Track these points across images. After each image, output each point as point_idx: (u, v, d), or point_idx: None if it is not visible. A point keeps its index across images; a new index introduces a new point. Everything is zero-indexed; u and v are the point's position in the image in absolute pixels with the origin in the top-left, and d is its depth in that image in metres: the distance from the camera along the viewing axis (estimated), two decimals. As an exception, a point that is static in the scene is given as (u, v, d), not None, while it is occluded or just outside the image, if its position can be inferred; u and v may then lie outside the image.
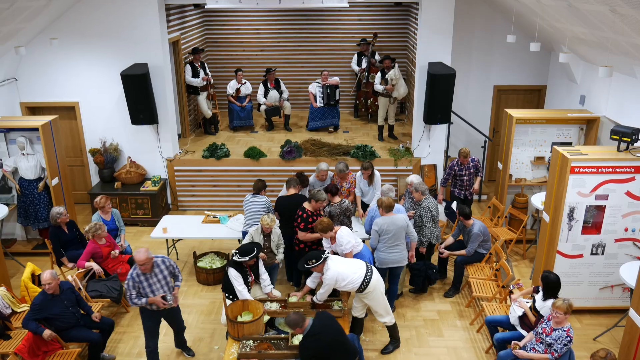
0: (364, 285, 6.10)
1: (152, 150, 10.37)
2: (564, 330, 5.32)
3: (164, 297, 5.88)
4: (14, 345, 6.00)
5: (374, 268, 6.26)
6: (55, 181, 8.72)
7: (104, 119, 10.30)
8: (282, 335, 6.01)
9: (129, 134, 10.32)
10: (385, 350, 6.66)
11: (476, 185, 9.03)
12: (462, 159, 8.82)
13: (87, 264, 7.10)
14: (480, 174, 9.07)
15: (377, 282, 6.20)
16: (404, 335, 6.89)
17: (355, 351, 5.63)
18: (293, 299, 6.55)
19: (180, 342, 6.65)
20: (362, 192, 8.46)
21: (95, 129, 10.37)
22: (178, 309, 6.38)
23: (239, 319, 6.11)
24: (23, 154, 8.60)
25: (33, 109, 10.29)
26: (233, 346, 5.92)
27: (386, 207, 6.90)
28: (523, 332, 6.04)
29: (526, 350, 5.60)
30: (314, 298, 6.36)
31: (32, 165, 8.62)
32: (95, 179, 10.71)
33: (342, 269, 6.09)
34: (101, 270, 7.17)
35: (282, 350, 5.83)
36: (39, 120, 8.49)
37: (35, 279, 6.95)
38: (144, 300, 5.80)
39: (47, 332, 5.82)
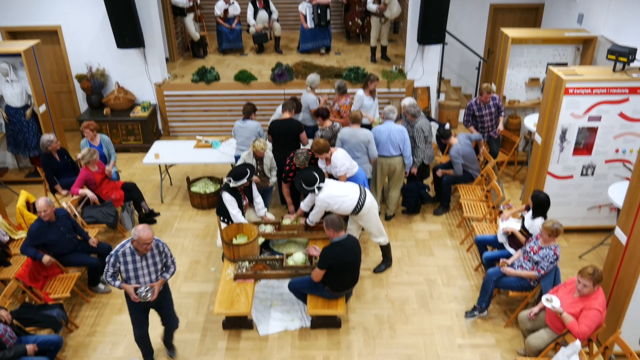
0: (357, 208, 6.19)
1: (140, 75, 10.15)
2: (551, 249, 5.47)
3: (137, 290, 4.94)
4: (14, 271, 6.11)
5: (367, 191, 6.33)
6: (42, 108, 8.57)
7: (89, 43, 10.00)
8: (277, 257, 6.15)
9: (115, 59, 10.05)
10: (377, 270, 6.85)
11: (500, 126, 8.39)
12: (483, 97, 8.09)
13: (81, 191, 7.12)
14: (503, 113, 8.38)
15: (371, 204, 6.29)
16: (395, 254, 7.07)
17: (356, 282, 5.86)
18: (286, 221, 6.65)
19: (166, 337, 5.61)
20: (366, 107, 8.37)
21: (80, 54, 10.08)
22: (169, 301, 5.35)
23: (234, 241, 6.22)
24: (7, 81, 8.40)
25: (14, 34, 9.94)
26: (229, 267, 6.07)
27: (352, 119, 7.24)
28: (511, 250, 6.21)
29: (514, 268, 5.79)
30: (307, 220, 6.46)
31: (17, 92, 8.43)
32: (83, 106, 10.54)
33: (334, 193, 6.15)
34: (95, 197, 7.20)
35: (277, 270, 5.99)
36: (21, 46, 8.22)
37: (30, 206, 6.98)
38: (117, 282, 4.95)
39: (46, 258, 5.92)
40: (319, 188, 6.15)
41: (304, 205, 6.57)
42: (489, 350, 5.66)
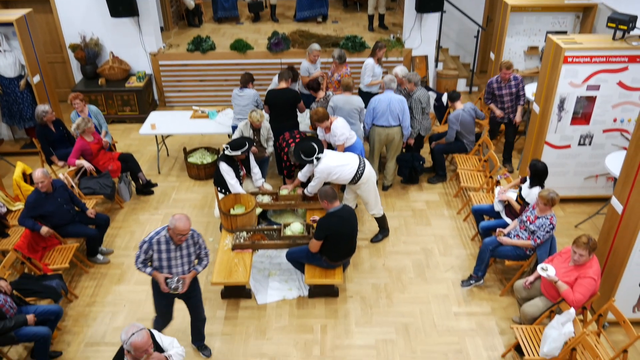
0: (356, 178, 6.19)
1: (134, 45, 10.01)
2: (547, 218, 5.50)
3: (167, 280, 4.69)
4: (13, 242, 6.13)
5: (366, 161, 6.33)
6: (36, 79, 8.47)
7: (82, 12, 9.82)
8: (275, 227, 6.18)
9: (109, 28, 9.90)
10: (374, 239, 6.89)
11: (518, 117, 7.92)
12: (503, 74, 7.66)
13: (77, 161, 7.09)
14: (522, 101, 7.87)
15: (370, 174, 6.29)
16: (392, 224, 7.10)
17: (354, 251, 5.89)
18: (284, 191, 6.66)
19: (196, 335, 5.34)
20: (377, 75, 8.30)
21: (73, 23, 9.91)
22: (198, 293, 5.09)
23: (232, 212, 6.24)
24: (0, 51, 8.28)
25: (5, 3, 9.76)
26: (227, 238, 6.10)
27: (344, 86, 7.32)
28: (508, 220, 6.25)
29: (510, 237, 5.83)
30: (305, 191, 6.47)
31: (10, 62, 8.31)
32: (78, 76, 10.42)
33: (333, 163, 6.14)
34: (92, 167, 7.18)
35: (274, 240, 6.03)
36: (13, 15, 8.07)
37: (27, 177, 6.96)
38: (148, 269, 4.72)
39: (44, 229, 5.93)
40: (318, 159, 6.14)
41: (301, 175, 6.57)
42: (484, 318, 5.74)
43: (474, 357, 5.29)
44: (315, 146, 6.17)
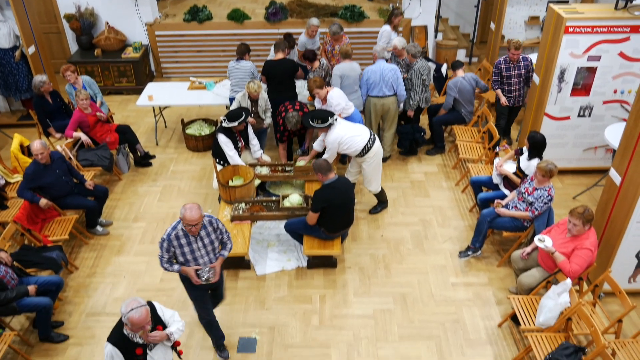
0: (365, 150, 6.17)
1: (130, 15, 9.87)
2: (545, 190, 5.51)
3: (197, 272, 4.52)
4: (12, 214, 6.14)
5: (376, 135, 6.30)
6: (31, 50, 8.36)
7: (76, -20, 9.67)
8: (274, 198, 6.19)
9: (104, -3, 9.77)
10: (373, 211, 6.92)
11: (526, 99, 7.63)
12: (512, 54, 7.27)
13: (74, 133, 7.06)
14: (529, 85, 7.56)
15: (378, 148, 6.29)
16: (391, 195, 7.12)
17: (352, 222, 5.89)
18: (301, 162, 6.64)
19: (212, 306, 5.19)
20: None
21: (67, -8, 9.77)
22: (222, 278, 5.04)
23: (231, 183, 6.24)
24: (-6, 21, 8.17)
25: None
26: (226, 209, 6.11)
27: (343, 54, 7.34)
28: (506, 191, 6.26)
29: (508, 209, 5.85)
30: None
31: (4, 33, 8.20)
32: (73, 47, 10.29)
33: (345, 133, 6.12)
34: (89, 140, 7.15)
35: (273, 211, 6.04)
36: (5, -17, 7.94)
37: (25, 149, 6.93)
38: (176, 267, 4.51)
39: (43, 201, 5.93)
40: (331, 125, 6.10)
41: (317, 145, 6.53)
42: (481, 288, 5.80)
43: (471, 326, 5.36)
44: (329, 118, 6.13)
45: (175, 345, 3.97)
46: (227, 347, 5.12)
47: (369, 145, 6.18)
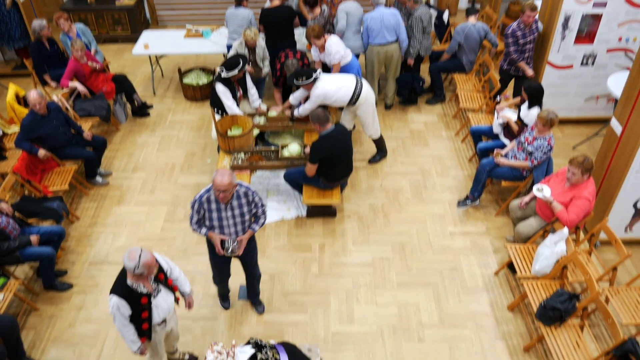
0: (353, 99, 6.11)
1: (123, -41, 9.58)
2: (545, 139, 5.49)
3: (222, 243, 4.39)
4: (11, 165, 6.13)
5: (364, 80, 6.22)
6: (23, -5, 8.16)
7: None
8: (273, 148, 6.17)
9: (95, -60, 9.44)
10: (372, 160, 6.91)
11: (529, 71, 6.97)
12: (527, 17, 6.56)
13: (70, 83, 6.97)
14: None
15: (367, 93, 6.20)
16: (390, 145, 7.10)
17: (351, 171, 5.89)
18: (273, 112, 6.57)
19: (251, 292, 5.12)
20: None
21: None
22: (254, 251, 4.81)
23: (229, 133, 6.20)
24: (-17, -34, 7.93)
25: None
26: (225, 159, 6.10)
27: None
28: (506, 141, 6.24)
29: (507, 158, 5.84)
30: (295, 111, 6.35)
31: (-6, -22, 7.99)
32: (66, -8, 10.04)
33: (330, 87, 6.04)
34: (86, 90, 7.06)
35: (272, 161, 6.04)
36: None
37: (21, 100, 6.86)
38: (203, 230, 4.37)
39: (41, 152, 5.91)
40: (315, 80, 6.01)
41: (292, 98, 6.45)
42: (479, 237, 5.86)
43: (468, 274, 5.45)
44: (312, 73, 6.01)
45: (174, 290, 4.04)
46: (230, 298, 5.21)
47: (356, 94, 6.10)
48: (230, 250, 4.38)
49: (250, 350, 3.42)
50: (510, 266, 5.36)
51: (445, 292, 5.28)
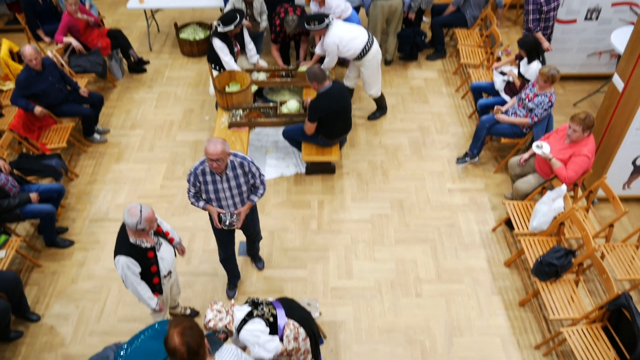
0: (364, 52, 6.02)
1: None
2: (546, 96, 5.44)
3: (220, 216, 4.29)
4: (8, 123, 6.08)
5: (374, 37, 6.12)
6: (13, -54, 7.93)
7: None
8: (271, 104, 6.12)
9: None
10: (371, 117, 6.87)
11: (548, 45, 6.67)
12: None
13: (65, 39, 6.84)
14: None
15: (377, 51, 6.13)
16: (390, 102, 7.04)
17: (350, 128, 5.84)
18: (303, 67, 6.49)
19: (251, 249, 5.14)
20: None
21: None
22: (256, 222, 4.75)
23: (227, 89, 6.14)
24: None
25: None
26: (223, 116, 6.06)
27: None
28: (506, 97, 6.18)
29: (507, 115, 5.80)
30: (322, 66, 6.26)
31: None
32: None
33: (343, 34, 5.94)
34: (80, 45, 6.94)
35: (271, 118, 6.00)
36: None
37: (15, 55, 6.75)
38: (201, 203, 4.27)
39: (38, 109, 5.86)
40: (328, 25, 5.91)
41: (319, 49, 6.34)
42: (477, 194, 5.89)
43: (466, 230, 5.50)
44: (325, 19, 5.91)
45: (170, 242, 4.09)
46: (237, 286, 5.05)
47: (367, 47, 6.02)
48: (228, 223, 4.28)
49: (247, 308, 3.49)
50: (508, 223, 5.40)
51: (442, 248, 5.34)
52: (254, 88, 6.42)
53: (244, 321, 3.41)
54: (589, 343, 4.12)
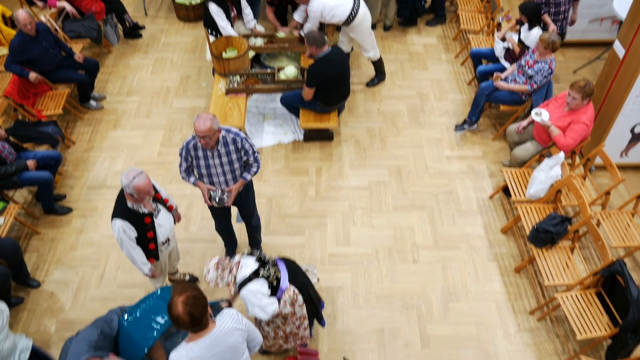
0: (350, 17, 5.93)
1: None
2: (546, 63, 5.39)
3: (210, 193, 4.23)
4: (2, 89, 6.01)
5: (361, 1, 6.02)
6: None
7: None
8: (269, 70, 6.06)
9: None
10: (370, 83, 6.81)
11: (575, 15, 6.57)
12: None
13: (58, 3, 6.71)
14: None
15: (364, 15, 6.02)
16: (389, 68, 6.97)
17: (348, 94, 5.80)
18: (281, 34, 6.43)
19: (251, 240, 5.01)
20: None
21: None
22: (251, 200, 4.60)
23: (224, 55, 6.06)
24: None
25: None
26: (220, 82, 6.00)
27: None
28: (506, 64, 6.12)
29: (507, 82, 5.76)
30: (301, 32, 6.23)
31: None
32: None
33: (327, 1, 5.84)
34: (74, 10, 6.81)
35: (269, 84, 5.95)
36: None
37: (7, 20, 6.63)
38: (192, 179, 4.21)
39: (32, 75, 5.79)
40: None
41: (297, 16, 6.28)
42: (475, 161, 5.89)
43: (463, 198, 5.52)
44: None
45: (170, 209, 4.10)
46: (235, 254, 4.91)
47: (353, 13, 5.92)
48: (218, 200, 4.22)
49: (253, 265, 3.51)
50: (505, 190, 5.42)
51: (440, 215, 5.37)
52: (252, 54, 6.34)
53: (249, 279, 3.44)
54: (582, 308, 4.18)
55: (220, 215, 4.58)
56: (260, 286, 3.44)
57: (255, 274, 3.46)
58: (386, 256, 5.03)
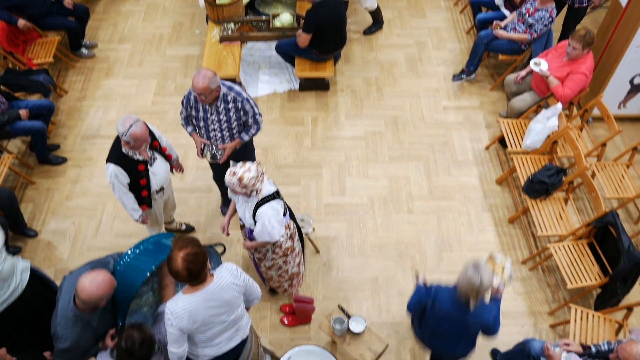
0: None
1: None
2: (547, 11, 5.27)
3: (203, 147, 4.22)
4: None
5: None
6: None
7: None
8: (264, 17, 5.92)
9: None
10: (367, 31, 6.68)
11: None
12: None
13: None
14: None
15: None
16: (386, 16, 6.82)
17: (344, 43, 5.69)
18: None
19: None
20: None
21: None
22: (250, 154, 4.59)
23: (218, 1, 5.90)
24: None
25: None
26: (214, 29, 5.88)
27: None
28: (506, 12, 5.99)
29: (507, 31, 5.65)
30: None
31: None
32: None
33: None
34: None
35: (263, 32, 5.83)
36: None
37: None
38: (189, 128, 4.22)
39: (21, 22, 5.63)
40: None
41: None
42: (472, 111, 5.85)
43: (459, 148, 5.51)
44: None
45: (168, 158, 4.08)
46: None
47: None
48: (210, 156, 4.21)
49: (272, 187, 3.54)
50: (502, 141, 5.40)
51: (435, 166, 5.37)
52: (246, 0, 6.18)
53: (272, 197, 3.48)
54: (574, 258, 4.25)
55: (220, 166, 4.55)
56: (280, 206, 3.53)
57: (277, 194, 3.54)
58: (381, 206, 5.06)
